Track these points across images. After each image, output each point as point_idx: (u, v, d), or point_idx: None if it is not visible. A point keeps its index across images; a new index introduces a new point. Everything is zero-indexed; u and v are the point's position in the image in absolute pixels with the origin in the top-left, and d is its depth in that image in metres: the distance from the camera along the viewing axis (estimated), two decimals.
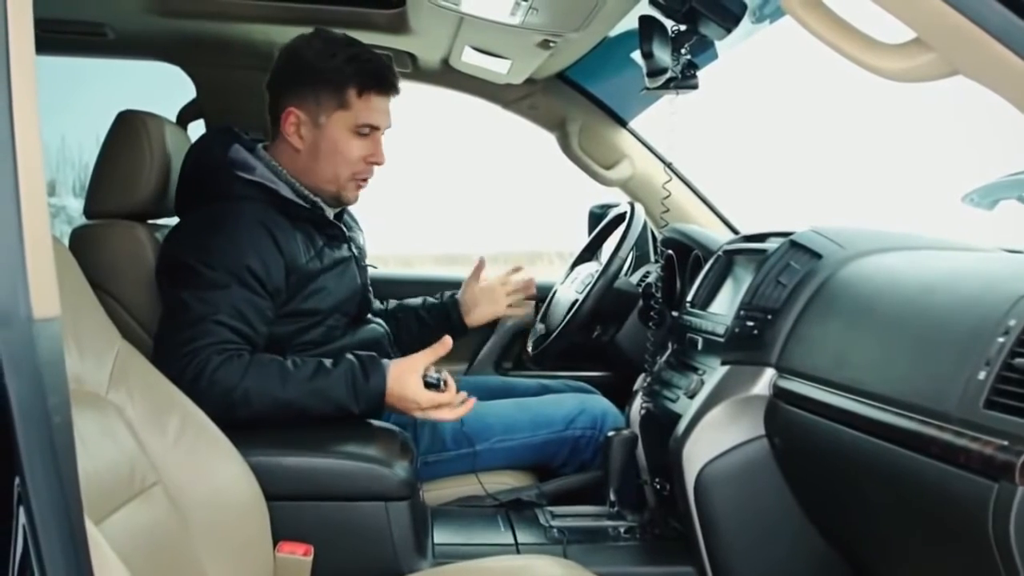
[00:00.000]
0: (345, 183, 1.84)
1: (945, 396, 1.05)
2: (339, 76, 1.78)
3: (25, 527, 0.66)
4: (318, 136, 1.80)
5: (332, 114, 1.79)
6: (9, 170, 0.67)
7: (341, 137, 1.80)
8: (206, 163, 1.84)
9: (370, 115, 1.80)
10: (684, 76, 1.70)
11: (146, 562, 1.12)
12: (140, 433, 1.30)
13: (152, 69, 2.56)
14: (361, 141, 1.81)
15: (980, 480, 0.96)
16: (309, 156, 1.82)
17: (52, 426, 0.68)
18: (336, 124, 1.80)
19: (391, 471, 1.53)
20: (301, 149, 1.82)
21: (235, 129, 1.91)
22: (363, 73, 1.79)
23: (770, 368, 1.52)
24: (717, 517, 1.57)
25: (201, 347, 1.59)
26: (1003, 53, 0.91)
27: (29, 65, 0.70)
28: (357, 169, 1.83)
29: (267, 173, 1.82)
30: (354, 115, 1.79)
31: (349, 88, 1.78)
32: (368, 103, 1.80)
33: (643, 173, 2.62)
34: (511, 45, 2.14)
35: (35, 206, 0.69)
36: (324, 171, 1.83)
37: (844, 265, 1.51)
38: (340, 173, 1.83)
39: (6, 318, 0.66)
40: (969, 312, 1.10)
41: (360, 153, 1.82)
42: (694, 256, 2.15)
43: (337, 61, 1.78)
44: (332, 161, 1.81)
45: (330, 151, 1.81)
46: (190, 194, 1.87)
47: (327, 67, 1.78)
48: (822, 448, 1.35)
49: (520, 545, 1.68)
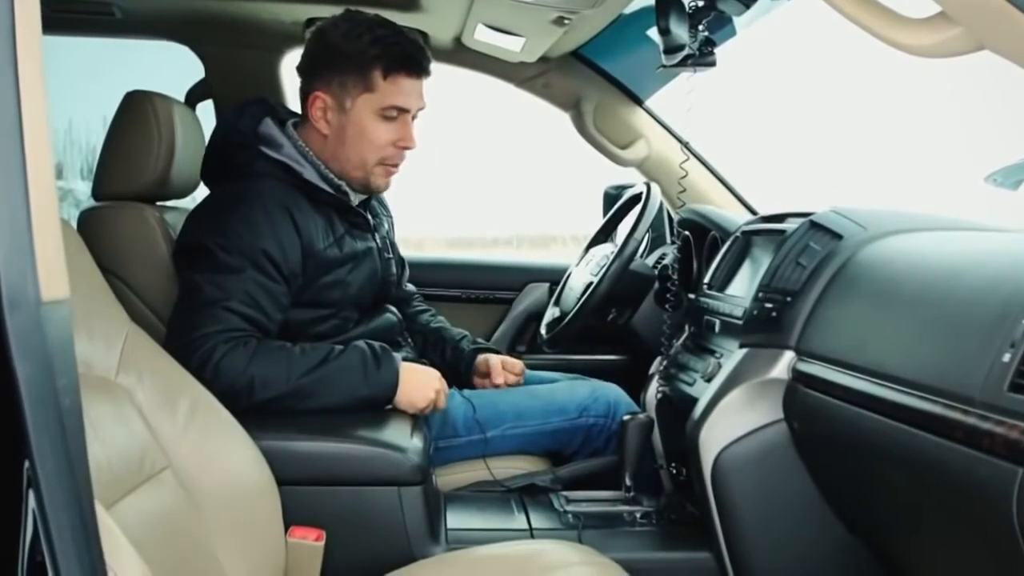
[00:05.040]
0: (373, 168, 1.83)
1: (969, 379, 1.04)
2: (363, 58, 1.76)
3: (35, 511, 0.67)
4: (344, 121, 1.79)
5: (358, 97, 1.78)
6: (16, 152, 0.67)
7: (367, 121, 1.79)
8: (232, 136, 1.84)
9: (397, 97, 1.78)
10: (701, 53, 1.69)
11: (157, 546, 1.13)
12: (150, 417, 1.30)
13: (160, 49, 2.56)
14: (388, 125, 1.80)
15: (1004, 465, 0.96)
16: (336, 141, 1.81)
17: (61, 409, 0.68)
18: (362, 107, 1.78)
19: (404, 456, 1.53)
20: (328, 134, 1.81)
21: (271, 102, 1.91)
22: (389, 54, 1.76)
23: (789, 351, 1.52)
24: (734, 502, 1.57)
25: (209, 334, 1.60)
26: None
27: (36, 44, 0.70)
28: (385, 154, 1.82)
29: (293, 152, 1.81)
30: (380, 97, 1.77)
31: (374, 70, 1.76)
32: (395, 85, 1.78)
33: (659, 153, 2.61)
34: (525, 22, 2.13)
35: (43, 189, 0.69)
36: (351, 156, 1.82)
37: (865, 246, 1.50)
38: (367, 158, 1.82)
39: (15, 301, 0.66)
40: (994, 294, 1.09)
41: (388, 137, 1.80)
42: (711, 237, 2.14)
43: (362, 43, 1.76)
44: (359, 146, 1.80)
45: (356, 136, 1.79)
46: (214, 167, 1.88)
47: (352, 49, 1.76)
48: (842, 432, 1.35)
49: (534, 530, 1.68)
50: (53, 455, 0.67)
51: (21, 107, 0.68)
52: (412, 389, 1.71)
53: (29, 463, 0.66)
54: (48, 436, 0.67)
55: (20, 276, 0.67)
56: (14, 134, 0.67)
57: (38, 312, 0.67)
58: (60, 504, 0.68)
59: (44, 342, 0.67)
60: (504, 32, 2.23)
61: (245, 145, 1.81)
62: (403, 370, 1.70)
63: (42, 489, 0.67)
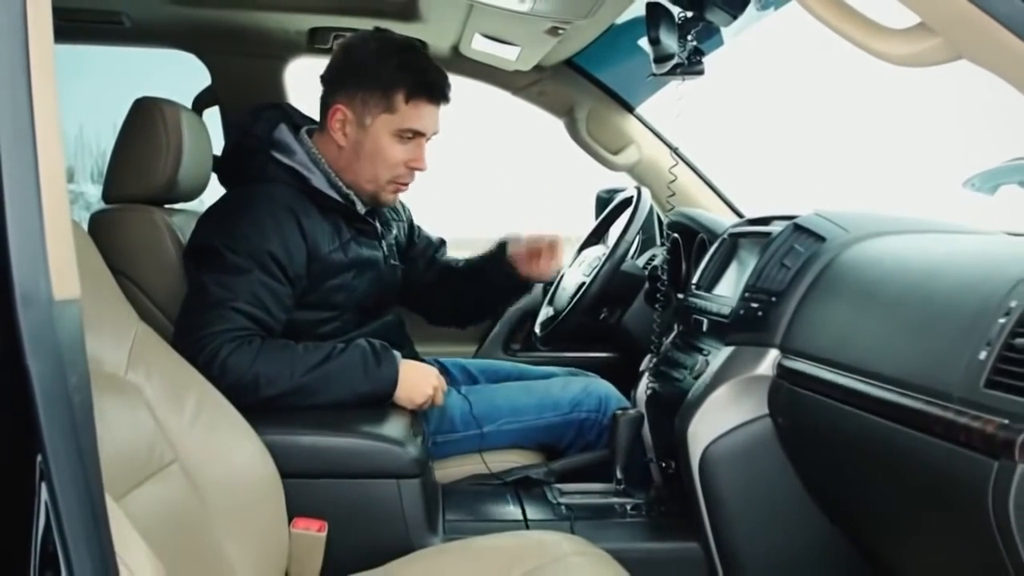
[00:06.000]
0: (384, 184, 1.84)
1: (947, 376, 1.05)
2: (389, 80, 1.76)
3: (47, 503, 0.67)
4: (362, 136, 1.80)
5: (378, 116, 1.78)
6: (29, 157, 0.67)
7: (384, 140, 1.79)
8: (247, 140, 1.84)
9: (416, 121, 1.79)
10: (690, 62, 1.69)
11: (165, 537, 1.13)
12: (158, 413, 1.30)
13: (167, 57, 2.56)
14: (404, 146, 1.80)
15: (980, 458, 0.96)
16: (352, 154, 1.82)
17: (73, 405, 0.68)
18: (381, 127, 1.78)
19: (403, 450, 1.54)
20: (344, 146, 1.82)
21: (287, 107, 1.91)
22: (414, 80, 1.77)
23: (774, 349, 1.52)
24: (721, 495, 1.57)
25: (215, 333, 1.60)
26: (1007, 38, 0.90)
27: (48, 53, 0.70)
28: (397, 173, 1.83)
29: (305, 160, 1.82)
30: (399, 119, 1.78)
31: (397, 93, 1.76)
32: (416, 109, 1.78)
33: (650, 158, 2.62)
34: (520, 32, 2.13)
35: (55, 191, 0.69)
36: (364, 171, 1.82)
37: (847, 248, 1.50)
38: (380, 175, 1.82)
39: (27, 299, 0.66)
40: (971, 294, 1.09)
41: (402, 158, 1.81)
42: (699, 239, 2.14)
43: (390, 65, 1.76)
44: (373, 162, 1.81)
45: (372, 152, 1.80)
46: (228, 169, 1.89)
47: (379, 69, 1.77)
48: (825, 427, 1.35)
49: (529, 521, 1.68)
50: (65, 449, 0.67)
51: (34, 113, 0.68)
52: (411, 386, 1.71)
53: (42, 457, 0.66)
54: (60, 431, 0.67)
55: (33, 276, 0.67)
56: (27, 139, 0.68)
57: (50, 311, 0.67)
58: (71, 496, 0.68)
59: (56, 340, 0.67)
60: (500, 42, 2.23)
61: (258, 150, 1.82)
62: (402, 367, 1.71)
63: (54, 482, 0.67)
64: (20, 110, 0.67)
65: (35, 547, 0.67)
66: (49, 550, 0.67)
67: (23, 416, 0.66)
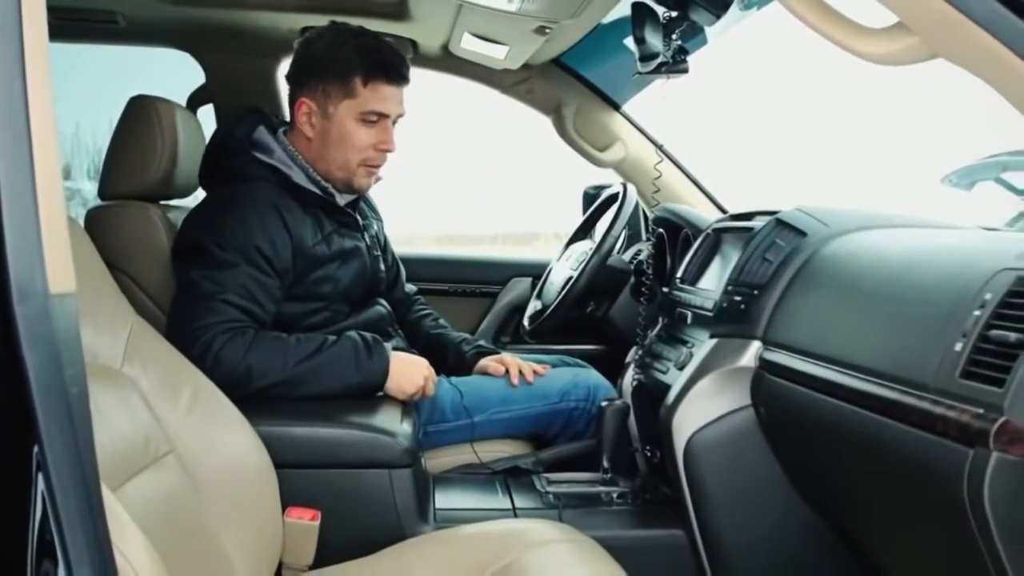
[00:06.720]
0: (355, 169, 1.84)
1: (923, 367, 1.05)
2: (345, 66, 1.77)
3: (44, 493, 0.67)
4: (328, 125, 1.81)
5: (340, 103, 1.79)
6: (25, 154, 0.67)
7: (349, 125, 1.80)
8: (229, 142, 1.85)
9: (376, 103, 1.79)
10: (675, 61, 1.69)
11: (160, 527, 1.13)
12: (153, 404, 1.30)
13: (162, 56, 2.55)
14: (369, 129, 1.81)
15: (956, 447, 0.97)
16: (320, 144, 1.82)
17: (69, 397, 0.68)
18: (344, 113, 1.79)
19: (394, 440, 1.54)
20: (312, 138, 1.83)
21: (264, 111, 1.92)
22: (369, 62, 1.78)
23: (756, 341, 1.53)
24: (705, 483, 1.58)
25: (208, 325, 1.60)
26: (983, 37, 0.91)
27: (43, 51, 0.70)
28: (366, 156, 1.83)
29: (284, 157, 1.83)
30: (360, 103, 1.79)
31: (355, 77, 1.78)
32: (375, 92, 1.79)
33: (635, 155, 2.62)
34: (508, 31, 2.13)
35: (51, 187, 0.69)
36: (334, 158, 1.83)
37: (828, 242, 1.50)
38: (350, 160, 1.82)
39: (24, 293, 0.66)
40: (947, 287, 1.10)
41: (368, 140, 1.81)
42: (684, 234, 2.15)
43: (344, 51, 1.78)
44: (342, 148, 1.81)
45: (339, 139, 1.81)
46: (211, 170, 1.89)
47: (334, 57, 1.78)
48: (805, 417, 1.35)
49: (518, 510, 1.69)
50: (61, 440, 0.67)
51: (29, 111, 0.68)
52: (402, 377, 1.71)
53: (38, 448, 0.66)
54: (56, 422, 0.67)
55: (29, 270, 0.66)
56: (23, 137, 0.67)
57: (46, 304, 0.67)
58: (68, 487, 0.68)
59: (52, 333, 0.67)
60: (489, 40, 2.22)
61: (240, 150, 1.83)
62: (393, 359, 1.71)
63: (51, 472, 0.67)
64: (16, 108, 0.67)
65: (32, 537, 0.67)
66: (46, 539, 0.67)
67: (20, 408, 0.66)
